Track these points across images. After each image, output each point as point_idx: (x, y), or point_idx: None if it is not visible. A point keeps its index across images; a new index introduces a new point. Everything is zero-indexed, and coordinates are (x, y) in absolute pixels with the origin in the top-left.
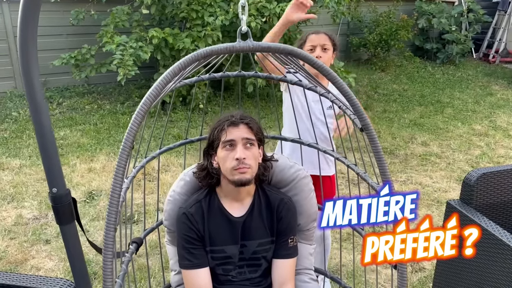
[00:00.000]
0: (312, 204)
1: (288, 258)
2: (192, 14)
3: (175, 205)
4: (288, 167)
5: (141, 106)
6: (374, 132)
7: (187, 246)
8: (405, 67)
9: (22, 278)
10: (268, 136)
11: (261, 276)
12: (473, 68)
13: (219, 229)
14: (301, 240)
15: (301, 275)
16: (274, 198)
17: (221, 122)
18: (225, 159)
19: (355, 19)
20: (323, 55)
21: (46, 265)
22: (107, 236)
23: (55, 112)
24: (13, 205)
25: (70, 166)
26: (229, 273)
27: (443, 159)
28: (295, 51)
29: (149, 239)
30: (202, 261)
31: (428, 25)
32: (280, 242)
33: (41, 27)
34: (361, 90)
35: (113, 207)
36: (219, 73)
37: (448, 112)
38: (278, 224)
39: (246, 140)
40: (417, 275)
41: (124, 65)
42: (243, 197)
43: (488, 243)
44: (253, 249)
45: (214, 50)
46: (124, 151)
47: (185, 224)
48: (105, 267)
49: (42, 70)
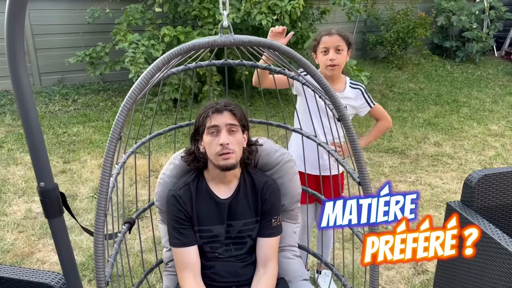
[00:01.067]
0: (296, 186)
1: (271, 236)
2: (204, 12)
3: (165, 187)
4: (273, 151)
5: (126, 100)
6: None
7: (176, 226)
8: (423, 65)
9: (13, 270)
10: (253, 120)
11: (246, 253)
12: (494, 67)
13: (207, 210)
14: (285, 219)
15: (285, 251)
16: (259, 181)
17: (207, 109)
18: (210, 144)
19: (372, 16)
20: (337, 56)
21: (52, 258)
22: (98, 220)
23: (70, 109)
24: (24, 199)
25: (80, 162)
26: (216, 251)
27: (455, 159)
28: (274, 45)
29: (148, 237)
30: (190, 240)
31: (447, 23)
32: (264, 221)
33: (58, 25)
34: (376, 89)
35: (103, 194)
36: (205, 61)
37: (464, 111)
38: (262, 205)
39: (229, 126)
40: (420, 278)
41: (135, 63)
42: (229, 180)
43: (487, 246)
44: (239, 229)
45: (196, 45)
46: (112, 141)
47: (174, 205)
48: (96, 249)
49: (59, 67)
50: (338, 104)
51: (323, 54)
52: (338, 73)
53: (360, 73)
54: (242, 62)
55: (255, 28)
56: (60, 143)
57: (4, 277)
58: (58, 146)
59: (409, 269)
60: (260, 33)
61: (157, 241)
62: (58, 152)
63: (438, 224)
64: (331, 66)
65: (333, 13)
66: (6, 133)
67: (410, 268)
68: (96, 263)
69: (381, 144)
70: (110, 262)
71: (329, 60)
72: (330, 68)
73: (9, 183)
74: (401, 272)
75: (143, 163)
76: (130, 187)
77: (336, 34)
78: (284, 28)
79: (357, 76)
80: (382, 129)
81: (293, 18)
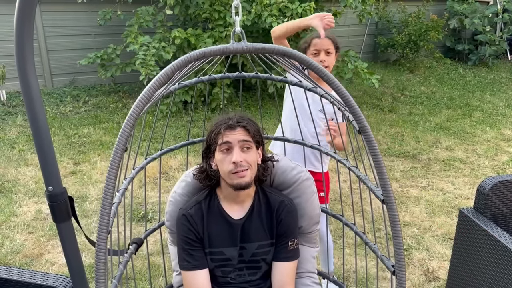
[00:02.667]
0: (314, 207)
1: (288, 261)
2: (215, 14)
3: (176, 206)
4: (290, 169)
5: (133, 109)
6: (372, 134)
7: (186, 247)
8: (435, 68)
9: (22, 273)
10: (268, 136)
11: (260, 279)
12: (507, 70)
13: (218, 231)
14: (303, 242)
15: (303, 278)
16: (274, 200)
17: (218, 125)
18: (222, 162)
19: (383, 19)
20: (327, 59)
21: (60, 260)
22: (100, 238)
23: (81, 110)
24: (34, 200)
25: (91, 164)
26: (228, 275)
27: (468, 164)
28: (289, 52)
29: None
30: (201, 263)
31: (460, 26)
32: (280, 244)
33: (70, 27)
34: (387, 92)
35: (106, 209)
36: (219, 74)
37: (477, 115)
38: (278, 227)
39: (243, 143)
40: (431, 285)
41: (146, 65)
42: (242, 199)
43: (501, 255)
44: (253, 252)
45: (207, 52)
46: (116, 153)
47: (184, 225)
48: (98, 268)
49: (71, 69)
50: (358, 115)
51: (313, 55)
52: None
53: (371, 76)
54: (257, 75)
55: (266, 31)
56: (70, 144)
57: (13, 280)
58: (68, 148)
59: (420, 276)
60: (270, 36)
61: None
62: (69, 154)
63: (450, 231)
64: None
65: (344, 16)
66: (18, 134)
67: (421, 275)
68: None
69: (392, 148)
70: (113, 284)
71: (320, 61)
72: None
73: (20, 184)
74: (412, 279)
75: (152, 165)
76: (140, 189)
77: (326, 38)
78: (333, 25)
79: (368, 79)
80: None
81: None
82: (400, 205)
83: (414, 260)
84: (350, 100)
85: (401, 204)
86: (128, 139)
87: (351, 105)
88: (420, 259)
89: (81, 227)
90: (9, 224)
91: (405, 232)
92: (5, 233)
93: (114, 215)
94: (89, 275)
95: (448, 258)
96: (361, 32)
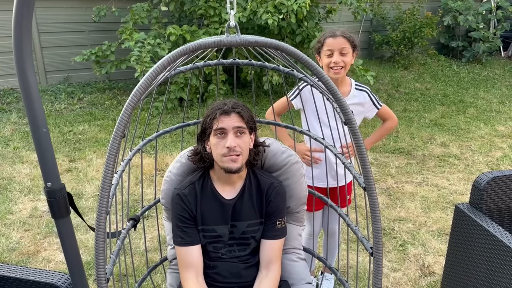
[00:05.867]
0: (302, 188)
1: (275, 239)
2: (210, 11)
3: (171, 184)
4: (280, 152)
5: (131, 98)
6: (356, 126)
7: (180, 224)
8: (429, 65)
9: (19, 270)
10: (261, 121)
11: (249, 255)
12: (501, 67)
13: (211, 210)
14: (291, 221)
15: (289, 253)
16: (265, 182)
17: (214, 110)
18: (216, 146)
19: (378, 16)
20: (342, 59)
21: (57, 257)
22: (99, 218)
23: (76, 107)
24: (30, 197)
25: (86, 161)
26: (219, 251)
27: (462, 160)
28: (281, 46)
29: (153, 236)
30: (193, 239)
31: (454, 23)
32: (269, 223)
33: (64, 23)
34: (382, 89)
35: (105, 191)
36: (214, 60)
37: (471, 112)
38: (267, 207)
39: (237, 129)
40: (426, 280)
41: (141, 61)
42: (234, 180)
43: (496, 249)
44: (243, 230)
45: (202, 44)
46: (115, 139)
47: (178, 204)
48: (97, 245)
49: (65, 66)
50: (345, 108)
51: (327, 56)
52: (343, 76)
53: (366, 73)
54: (250, 62)
55: (261, 27)
56: (65, 142)
57: (11, 277)
58: (63, 145)
59: (415, 271)
60: (266, 32)
61: (162, 240)
62: (64, 151)
63: (445, 226)
64: (335, 69)
65: (339, 12)
66: (12, 131)
67: (417, 270)
68: (97, 259)
69: (388, 144)
70: (111, 258)
71: (333, 63)
72: (334, 71)
73: (15, 182)
74: (408, 274)
75: (148, 162)
76: (136, 186)
77: (340, 36)
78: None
79: (363, 76)
80: (388, 130)
81: (299, 17)
82: (396, 201)
83: (410, 255)
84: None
85: (397, 200)
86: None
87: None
88: (416, 255)
89: (82, 218)
90: (5, 221)
91: (401, 228)
92: (1, 230)
93: (112, 196)
94: (87, 272)
95: (443, 253)
96: (356, 29)
